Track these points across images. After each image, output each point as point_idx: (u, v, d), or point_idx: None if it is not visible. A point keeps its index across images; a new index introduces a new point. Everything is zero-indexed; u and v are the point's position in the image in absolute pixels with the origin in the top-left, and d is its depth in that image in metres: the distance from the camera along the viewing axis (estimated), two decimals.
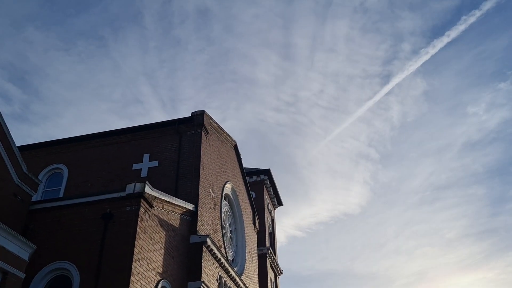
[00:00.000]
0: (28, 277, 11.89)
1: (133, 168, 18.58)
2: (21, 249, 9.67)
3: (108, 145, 19.87)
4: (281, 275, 34.63)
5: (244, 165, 26.55)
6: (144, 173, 18.27)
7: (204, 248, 16.18)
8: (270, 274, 31.91)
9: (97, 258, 11.96)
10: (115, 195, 12.99)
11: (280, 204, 38.34)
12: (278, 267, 34.05)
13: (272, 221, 36.33)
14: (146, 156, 18.80)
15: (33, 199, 18.07)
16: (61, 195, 18.43)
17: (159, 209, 14.13)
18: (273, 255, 32.80)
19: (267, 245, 31.74)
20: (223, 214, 20.94)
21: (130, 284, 11.45)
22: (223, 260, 17.73)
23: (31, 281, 11.95)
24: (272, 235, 35.51)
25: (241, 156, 25.46)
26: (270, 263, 31.80)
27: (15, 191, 12.37)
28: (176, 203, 15.24)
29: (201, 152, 18.48)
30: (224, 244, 19.58)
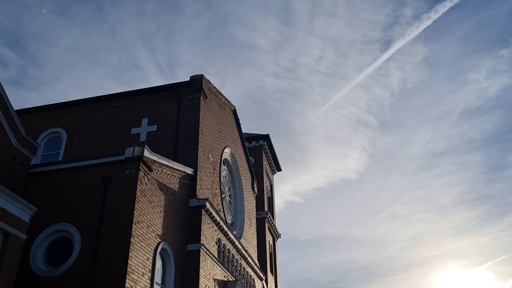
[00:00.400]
0: (30, 239, 12.07)
1: (132, 133, 18.55)
2: (22, 211, 9.75)
3: (107, 109, 19.76)
4: (279, 239, 35.24)
5: (243, 131, 26.53)
6: (143, 138, 18.25)
7: (203, 212, 16.35)
8: (269, 238, 32.46)
9: (97, 220, 12.09)
10: (114, 158, 13.01)
11: (279, 169, 38.57)
12: (276, 231, 34.58)
13: (271, 186, 36.65)
14: (144, 121, 18.74)
15: (32, 162, 18.15)
16: (60, 159, 18.47)
17: (158, 173, 14.18)
18: (272, 219, 33.26)
19: (266, 209, 32.13)
20: (222, 179, 21.07)
21: (131, 246, 11.62)
22: (222, 223, 17.97)
23: (33, 243, 12.14)
24: (271, 200, 35.90)
25: (240, 122, 25.43)
26: (268, 227, 32.29)
27: (13, 154, 12.37)
28: (175, 167, 15.29)
29: (200, 117, 18.40)
30: (223, 208, 19.79)
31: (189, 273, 15.08)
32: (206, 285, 15.51)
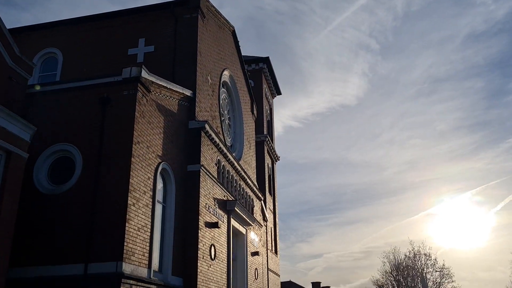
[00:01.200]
0: (32, 158, 12.27)
1: (128, 53, 18.18)
2: (22, 130, 9.80)
3: (102, 28, 19.20)
4: (277, 161, 35.91)
5: (242, 54, 25.97)
6: (140, 59, 17.92)
7: (202, 134, 16.48)
8: (268, 160, 33.07)
9: (97, 141, 12.21)
10: (111, 79, 12.87)
11: (279, 93, 38.37)
12: (275, 153, 35.15)
13: (270, 109, 36.67)
14: (141, 41, 18.28)
15: (30, 83, 17.98)
16: (58, 79, 18.26)
17: (157, 94, 14.09)
18: (271, 142, 33.66)
19: (265, 132, 32.42)
20: (221, 101, 21.00)
21: (131, 166, 11.84)
22: (221, 145, 18.19)
23: (35, 162, 12.36)
24: (270, 123, 36.10)
25: (239, 44, 24.82)
26: (267, 149, 32.77)
27: (10, 73, 12.16)
28: (174, 89, 15.16)
29: (198, 37, 17.93)
30: (222, 131, 19.93)
31: (190, 192, 15.52)
32: (206, 203, 16.03)
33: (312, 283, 75.33)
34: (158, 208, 13.73)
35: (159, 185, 13.88)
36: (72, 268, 10.99)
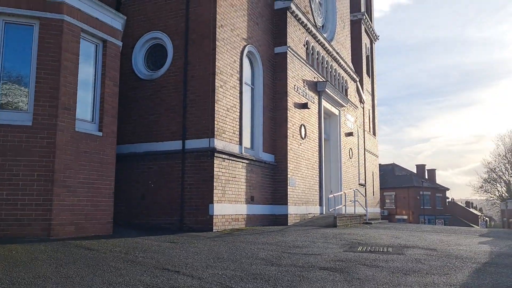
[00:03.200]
0: (130, 47, 13.32)
1: None
2: (114, 20, 10.58)
3: None
4: (377, 41, 34.15)
5: None
6: None
7: (288, 14, 16.19)
8: (365, 40, 31.62)
9: (184, 27, 12.75)
10: None
11: None
12: (374, 33, 33.35)
13: None
14: None
15: None
16: None
17: None
18: (369, 21, 31.82)
19: (362, 10, 30.58)
20: None
21: (217, 49, 12.33)
22: (309, 25, 17.78)
23: (133, 50, 13.42)
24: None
25: None
26: (365, 28, 31.16)
27: None
28: None
29: None
30: (311, 10, 19.26)
31: (277, 74, 15.84)
32: (294, 85, 16.31)
33: (417, 165, 74.87)
34: (247, 90, 14.37)
35: (246, 68, 14.34)
36: (173, 144, 12.37)
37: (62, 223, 8.90)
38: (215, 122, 12.04)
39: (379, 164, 77.68)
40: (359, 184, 25.21)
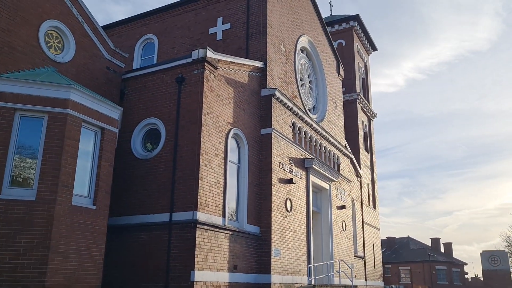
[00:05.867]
0: (129, 131, 15.38)
1: (209, 33, 20.47)
2: (112, 111, 12.64)
3: (188, 11, 21.71)
4: (375, 118, 36.15)
5: (337, 13, 26.59)
6: (219, 36, 20.10)
7: (274, 100, 18.27)
8: (362, 118, 33.67)
9: (175, 114, 14.82)
10: (184, 61, 15.23)
11: (374, 49, 37.99)
12: (371, 111, 35.45)
13: (366, 67, 36.67)
14: (219, 20, 20.39)
15: (134, 67, 21.40)
16: (154, 62, 21.39)
17: (225, 69, 16.17)
18: (365, 100, 34.05)
19: (358, 91, 32.90)
20: (299, 67, 22.39)
21: (202, 133, 14.25)
22: (295, 108, 19.79)
23: (132, 133, 15.46)
24: (365, 81, 36.24)
25: (332, 4, 25.52)
26: (361, 107, 33.31)
27: (107, 65, 15.26)
28: (242, 63, 17.10)
29: (268, 10, 19.42)
30: (299, 94, 21.41)
31: (263, 152, 17.61)
32: (279, 162, 17.99)
33: (431, 239, 73.78)
34: (233, 168, 16.09)
35: (233, 148, 16.18)
36: (162, 216, 13.94)
37: (55, 285, 10.35)
38: (199, 197, 13.66)
39: (394, 238, 76.29)
40: (354, 256, 25.91)
